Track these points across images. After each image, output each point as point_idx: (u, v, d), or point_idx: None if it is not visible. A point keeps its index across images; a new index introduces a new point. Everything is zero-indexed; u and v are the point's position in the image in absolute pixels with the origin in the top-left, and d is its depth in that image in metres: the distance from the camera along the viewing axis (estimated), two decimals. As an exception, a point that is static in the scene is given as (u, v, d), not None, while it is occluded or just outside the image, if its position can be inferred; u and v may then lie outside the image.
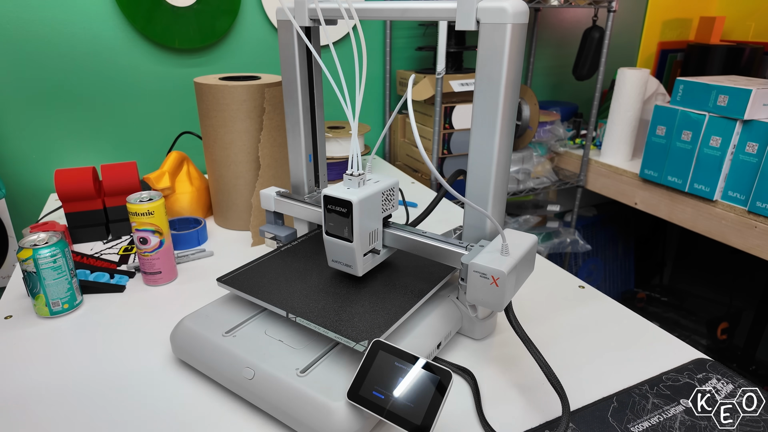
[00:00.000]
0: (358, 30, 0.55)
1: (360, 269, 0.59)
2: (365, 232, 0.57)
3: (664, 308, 1.98)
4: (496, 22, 0.50)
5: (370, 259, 0.60)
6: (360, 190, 0.56)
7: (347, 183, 0.57)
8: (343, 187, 0.56)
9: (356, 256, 0.57)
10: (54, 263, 0.66)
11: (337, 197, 0.55)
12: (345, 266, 0.59)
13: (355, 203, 0.54)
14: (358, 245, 0.56)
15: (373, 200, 0.57)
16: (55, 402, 0.54)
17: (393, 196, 0.60)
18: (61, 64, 1.13)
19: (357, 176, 0.56)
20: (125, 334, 0.66)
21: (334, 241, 0.58)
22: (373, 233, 0.59)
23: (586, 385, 0.57)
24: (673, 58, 1.88)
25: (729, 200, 1.18)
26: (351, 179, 0.56)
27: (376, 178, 0.59)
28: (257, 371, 0.51)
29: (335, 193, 0.55)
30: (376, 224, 0.59)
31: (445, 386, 0.44)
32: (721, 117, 1.15)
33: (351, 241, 0.56)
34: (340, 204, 0.55)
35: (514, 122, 0.55)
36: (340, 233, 0.56)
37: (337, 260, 0.60)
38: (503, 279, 0.49)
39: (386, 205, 0.59)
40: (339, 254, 0.59)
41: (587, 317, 0.70)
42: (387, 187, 0.59)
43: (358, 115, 0.56)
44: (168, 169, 0.97)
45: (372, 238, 0.59)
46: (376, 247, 0.60)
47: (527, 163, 1.48)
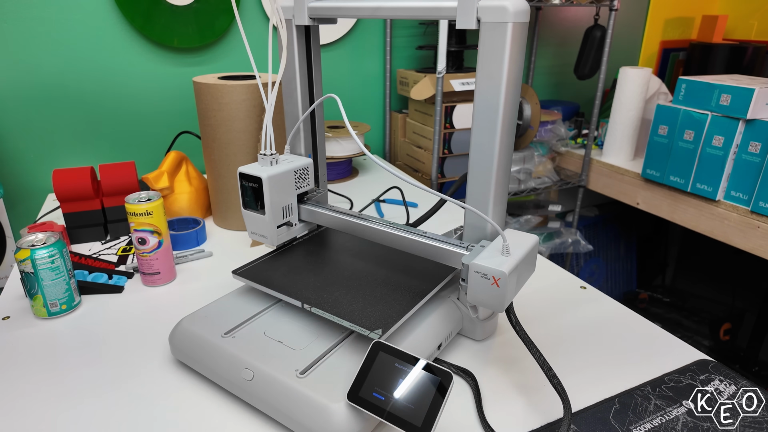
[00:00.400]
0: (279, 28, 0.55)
1: (274, 240, 0.65)
2: (277, 206, 0.64)
3: (666, 309, 1.98)
4: (497, 21, 0.50)
5: (285, 231, 0.67)
6: (272, 168, 0.62)
7: (261, 161, 0.63)
8: (257, 165, 0.63)
9: (269, 227, 0.64)
10: (52, 264, 0.66)
11: (249, 174, 0.61)
12: (262, 237, 0.66)
13: (265, 179, 0.61)
14: (270, 218, 0.63)
15: (285, 177, 0.64)
16: (53, 403, 0.54)
17: (307, 175, 0.68)
18: (59, 63, 1.13)
19: (270, 156, 0.63)
20: (124, 335, 0.66)
21: (250, 214, 0.65)
22: (286, 208, 0.66)
23: (588, 386, 0.57)
24: (676, 57, 1.88)
25: (732, 200, 1.18)
26: (264, 158, 0.63)
27: (291, 159, 0.66)
28: (256, 372, 0.51)
29: (249, 171, 0.62)
30: (289, 199, 0.66)
31: (446, 387, 0.44)
32: (724, 116, 1.15)
33: (263, 213, 0.63)
34: (252, 180, 0.61)
35: (515, 122, 0.55)
36: (254, 207, 0.64)
37: (254, 232, 0.66)
38: (504, 279, 0.49)
39: (300, 182, 0.67)
40: (255, 226, 0.65)
41: (589, 318, 0.70)
42: (300, 167, 0.66)
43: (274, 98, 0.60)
44: (167, 169, 0.97)
45: (286, 213, 0.66)
46: (291, 221, 0.67)
47: (528, 162, 1.48)
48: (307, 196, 0.70)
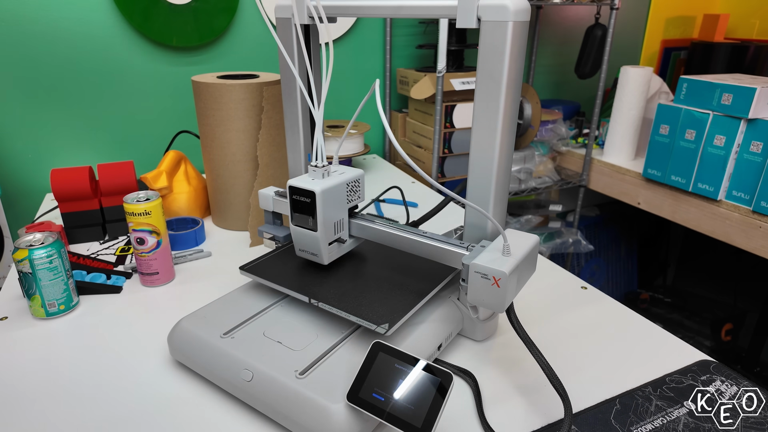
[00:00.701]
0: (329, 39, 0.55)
1: (326, 258, 0.61)
2: (330, 222, 0.59)
3: (667, 309, 1.98)
4: (498, 20, 0.50)
5: (335, 248, 0.62)
6: (324, 180, 0.58)
7: (312, 174, 0.59)
8: (308, 177, 0.59)
9: (321, 245, 0.60)
10: (50, 264, 0.66)
11: (301, 187, 0.57)
12: (311, 255, 0.62)
13: (319, 193, 0.56)
14: (322, 235, 0.59)
15: (338, 191, 0.59)
16: (51, 404, 0.54)
17: (358, 187, 0.63)
18: (57, 62, 1.13)
19: (321, 167, 0.58)
20: (122, 335, 0.66)
21: (300, 231, 0.60)
22: (338, 223, 0.61)
23: (589, 387, 0.57)
24: (677, 56, 1.88)
25: (733, 200, 1.18)
26: (315, 170, 0.58)
27: (341, 170, 0.61)
28: (256, 373, 0.51)
29: (300, 184, 0.57)
30: (341, 214, 0.61)
31: (446, 388, 0.44)
32: (726, 116, 1.15)
33: (315, 230, 0.58)
34: (304, 194, 0.57)
35: (516, 121, 0.55)
36: (305, 224, 0.59)
37: (303, 249, 0.62)
38: (505, 280, 0.49)
39: (351, 195, 0.62)
40: (305, 243, 0.61)
41: (590, 318, 0.70)
42: (352, 179, 0.61)
43: (323, 107, 0.58)
44: (165, 168, 0.97)
45: (337, 228, 0.61)
46: (342, 237, 0.63)
47: (529, 162, 1.48)
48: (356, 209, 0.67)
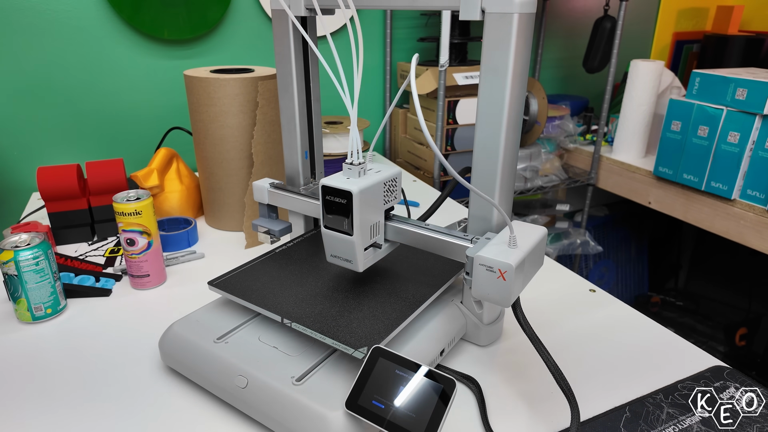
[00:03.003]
0: (355, 20, 0.55)
1: (361, 265, 0.58)
2: (366, 225, 0.56)
3: (679, 313, 1.98)
4: (503, 12, 0.50)
5: (371, 253, 0.59)
6: (360, 180, 0.55)
7: (347, 172, 0.55)
8: (342, 176, 0.55)
9: (357, 250, 0.56)
10: (36, 266, 0.66)
11: (336, 187, 0.54)
12: (345, 261, 0.58)
13: (356, 194, 0.53)
14: (358, 239, 0.55)
15: (375, 191, 0.56)
16: (38, 412, 0.54)
17: (395, 187, 0.60)
18: (44, 55, 1.13)
19: (357, 165, 0.55)
20: (111, 340, 0.66)
21: (333, 235, 0.57)
22: (374, 226, 0.58)
23: (597, 394, 0.57)
24: (689, 49, 1.88)
25: (748, 199, 1.18)
26: (351, 168, 0.55)
27: (377, 168, 0.58)
28: (250, 379, 0.51)
29: (335, 183, 0.54)
30: (377, 217, 0.58)
31: (449, 395, 0.44)
32: (740, 111, 1.15)
33: (351, 234, 0.55)
34: (339, 195, 0.54)
35: (521, 117, 0.55)
36: (340, 226, 0.55)
37: (336, 255, 0.59)
38: (511, 272, 0.49)
39: (388, 196, 0.59)
40: (338, 249, 0.58)
41: (598, 323, 0.70)
42: (389, 177, 0.58)
43: (357, 100, 0.56)
44: (156, 166, 0.97)
45: (373, 232, 0.58)
46: (378, 242, 0.60)
47: (535, 160, 1.48)
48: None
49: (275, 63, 0.74)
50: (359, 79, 0.56)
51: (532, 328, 0.53)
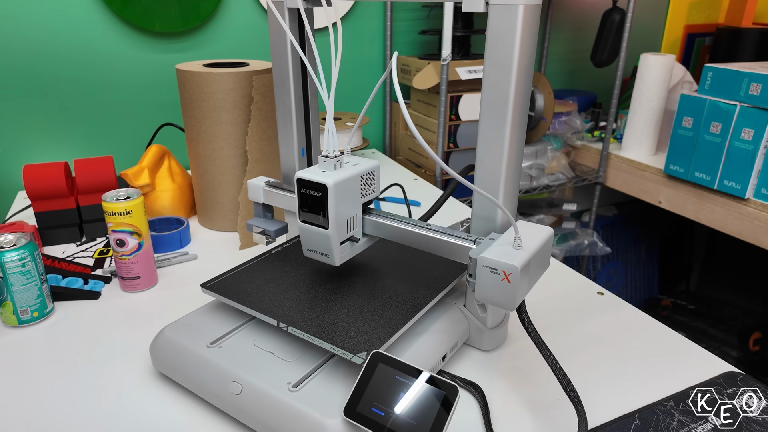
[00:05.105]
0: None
1: (337, 259, 0.59)
2: (342, 218, 0.58)
3: (691, 317, 1.98)
4: (507, 3, 0.50)
5: (348, 247, 0.61)
6: (336, 172, 0.56)
7: (323, 165, 0.57)
8: (318, 169, 0.57)
9: (333, 244, 0.58)
10: (22, 267, 0.66)
11: (311, 180, 0.55)
12: (321, 255, 0.60)
13: (331, 186, 0.54)
14: (334, 233, 0.57)
15: (351, 184, 0.57)
16: (24, 419, 0.54)
17: (373, 180, 0.61)
18: (30, 49, 1.13)
19: (333, 158, 0.56)
20: (100, 344, 0.66)
21: (309, 229, 0.58)
22: (351, 220, 0.60)
23: (606, 400, 0.57)
24: (701, 42, 1.88)
25: (762, 198, 1.18)
26: (327, 161, 0.56)
27: (354, 161, 0.60)
28: (245, 385, 0.51)
29: (310, 176, 0.55)
30: (354, 210, 0.60)
31: (451, 402, 0.44)
32: (754, 107, 1.15)
33: (326, 228, 0.57)
34: (314, 187, 0.55)
35: (527, 113, 0.56)
36: (315, 220, 0.57)
37: (312, 249, 0.60)
38: (516, 274, 0.49)
39: (366, 189, 0.60)
40: (314, 243, 0.59)
41: (607, 327, 0.70)
42: (366, 170, 0.59)
43: (333, 93, 0.57)
44: (147, 164, 0.97)
45: (350, 226, 0.60)
46: (355, 235, 0.61)
47: (541, 157, 1.48)
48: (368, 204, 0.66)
49: (270, 56, 0.74)
50: (337, 66, 0.57)
51: (537, 332, 0.53)
